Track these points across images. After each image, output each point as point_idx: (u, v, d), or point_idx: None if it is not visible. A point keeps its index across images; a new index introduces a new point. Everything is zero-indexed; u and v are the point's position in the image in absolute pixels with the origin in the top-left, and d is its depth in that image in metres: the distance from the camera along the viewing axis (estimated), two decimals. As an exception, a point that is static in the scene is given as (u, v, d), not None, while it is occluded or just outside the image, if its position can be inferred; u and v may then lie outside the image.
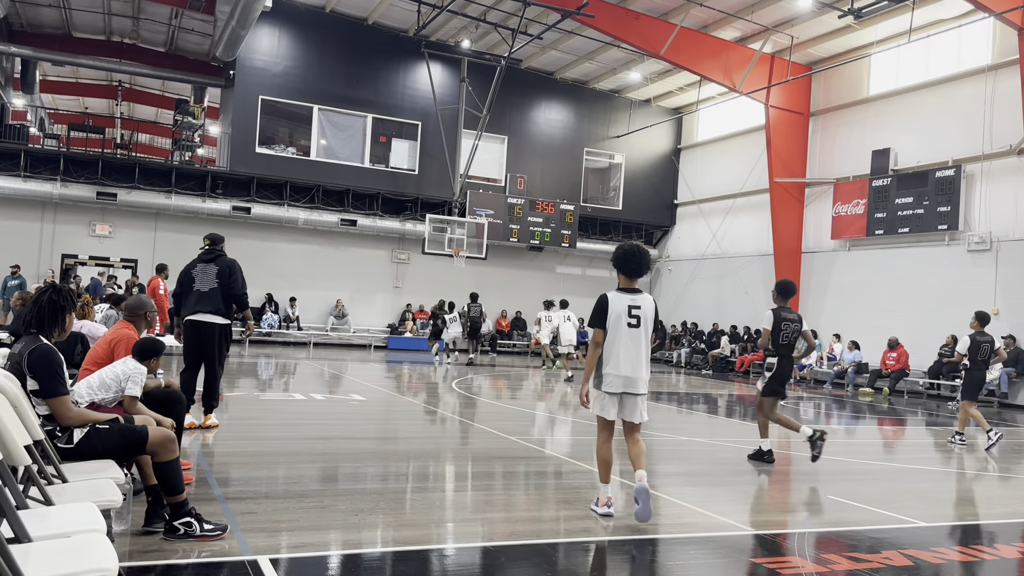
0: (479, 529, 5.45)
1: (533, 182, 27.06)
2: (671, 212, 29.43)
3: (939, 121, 19.79)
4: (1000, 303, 17.85)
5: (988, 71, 18.62)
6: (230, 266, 8.55)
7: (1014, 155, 17.75)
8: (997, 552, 5.56)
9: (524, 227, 26.15)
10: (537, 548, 5.02)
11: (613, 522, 5.72)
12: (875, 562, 5.03)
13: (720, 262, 26.64)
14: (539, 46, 24.45)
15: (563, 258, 28.68)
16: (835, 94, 22.97)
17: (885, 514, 6.43)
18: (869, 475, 8.67)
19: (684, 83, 26.32)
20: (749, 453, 8.92)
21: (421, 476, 6.88)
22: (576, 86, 27.81)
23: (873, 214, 21.13)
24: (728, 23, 21.60)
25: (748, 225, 25.48)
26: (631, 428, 5.92)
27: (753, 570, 4.92)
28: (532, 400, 14.76)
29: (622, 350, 5.75)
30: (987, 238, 18.45)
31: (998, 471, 9.32)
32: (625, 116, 28.33)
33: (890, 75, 21.35)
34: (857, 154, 21.93)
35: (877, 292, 21.00)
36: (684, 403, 15.50)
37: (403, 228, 25.54)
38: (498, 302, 27.04)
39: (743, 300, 25.30)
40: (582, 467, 7.67)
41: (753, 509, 6.80)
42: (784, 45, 22.20)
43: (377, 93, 25.18)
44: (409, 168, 25.83)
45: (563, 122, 27.89)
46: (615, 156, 28.76)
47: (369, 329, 25.56)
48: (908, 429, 13.86)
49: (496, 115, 25.16)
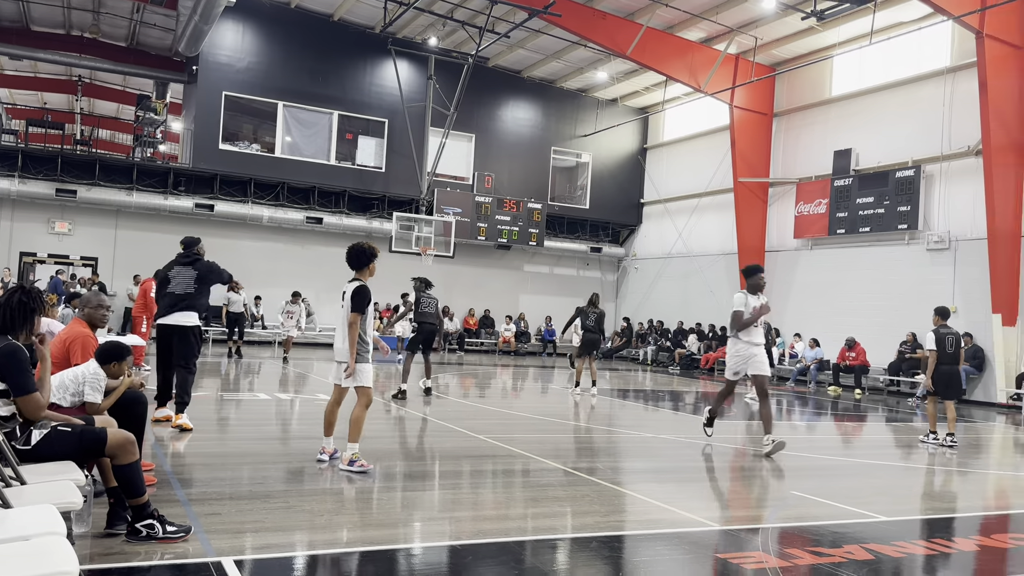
0: (446, 528, 5.44)
1: (501, 180, 27.06)
2: (637, 211, 29.63)
3: (899, 122, 20.17)
4: (959, 301, 18.25)
5: (947, 73, 19.01)
6: (209, 268, 8.56)
7: (972, 156, 18.15)
8: (955, 545, 5.68)
9: (492, 225, 26.14)
10: (504, 546, 5.02)
11: (582, 519, 5.75)
12: (837, 556, 5.11)
13: (686, 261, 26.88)
14: (506, 44, 24.47)
15: (531, 256, 28.73)
16: (798, 95, 23.29)
17: (847, 509, 6.54)
18: (832, 471, 8.81)
19: (650, 83, 26.50)
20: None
21: (388, 475, 6.85)
22: (543, 85, 27.86)
23: (835, 213, 21.47)
24: (693, 24, 21.79)
25: (713, 224, 25.75)
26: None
27: (718, 565, 4.98)
28: (500, 398, 14.76)
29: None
30: (946, 237, 18.84)
31: (956, 466, 9.52)
32: (592, 115, 28.45)
33: (852, 76, 21.70)
34: (819, 154, 22.27)
35: (839, 290, 21.35)
36: (651, 400, 15.61)
37: (370, 226, 25.39)
38: (466, 300, 27.03)
39: (709, 298, 25.55)
40: (550, 465, 7.69)
41: (718, 505, 6.87)
42: (748, 46, 22.45)
43: (343, 90, 25.00)
44: (376, 166, 25.68)
45: (530, 121, 27.93)
46: (582, 155, 28.88)
47: (335, 328, 25.36)
48: (869, 425, 14.10)
49: (464, 113, 25.13)
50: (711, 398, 9.76)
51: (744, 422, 13.17)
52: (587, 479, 7.13)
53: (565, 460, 7.96)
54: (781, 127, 23.90)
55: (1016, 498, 7.96)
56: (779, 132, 23.94)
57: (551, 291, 29.11)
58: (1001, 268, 17.18)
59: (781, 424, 12.91)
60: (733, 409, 14.87)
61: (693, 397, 16.84)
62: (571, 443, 9.50)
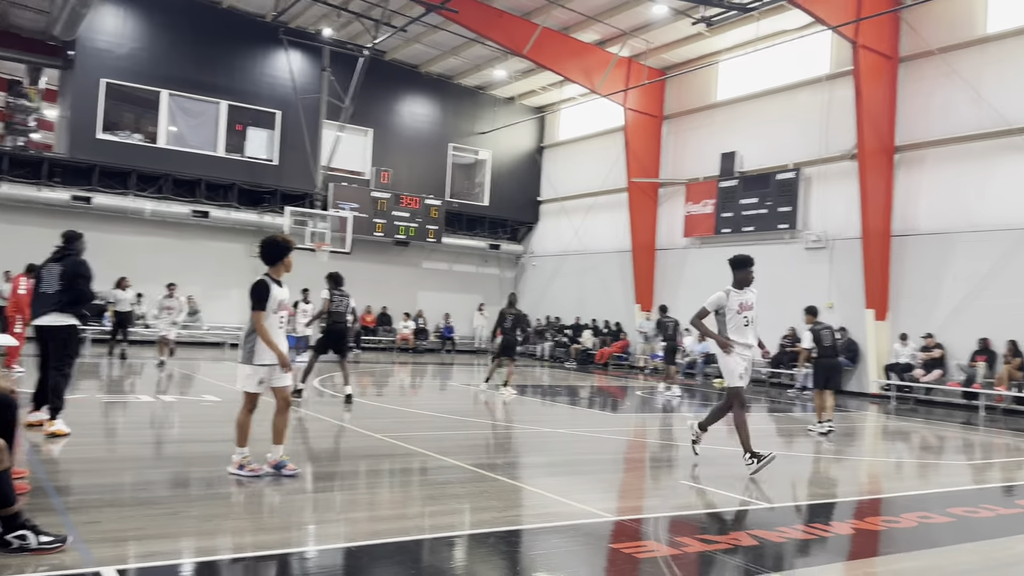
0: (341, 530, 5.35)
1: (399, 176, 26.80)
2: (535, 209, 29.94)
3: (781, 127, 21.14)
4: (834, 297, 19.31)
5: (826, 81, 20.05)
6: (75, 268, 8.08)
7: (847, 160, 19.21)
8: (832, 529, 6.01)
9: (389, 221, 25.86)
10: (401, 546, 4.98)
11: (480, 516, 5.77)
12: (724, 543, 5.32)
13: (582, 258, 27.36)
14: (403, 39, 24.24)
15: (429, 253, 28.58)
16: (687, 98, 24.07)
17: (733, 497, 6.82)
18: (719, 460, 9.15)
19: (547, 82, 26.82)
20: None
21: (281, 478, 6.67)
22: (442, 81, 27.76)
23: (721, 213, 22.33)
24: (588, 26, 22.18)
25: (607, 222, 26.30)
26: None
27: (612, 556, 5.09)
28: (398, 397, 14.63)
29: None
30: (823, 237, 19.89)
31: (833, 453, 10.07)
32: (490, 113, 28.56)
33: (737, 82, 22.60)
34: (707, 156, 23.09)
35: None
36: (547, 395, 15.80)
37: (261, 221, 24.64)
38: (364, 297, 26.60)
39: (603, 295, 26.12)
40: (448, 462, 7.68)
41: (612, 496, 7.03)
42: (641, 49, 23.04)
43: (232, 79, 24.16)
44: (267, 158, 24.95)
45: (429, 116, 27.78)
46: (480, 152, 28.95)
47: (224, 326, 24.51)
48: (752, 416, 14.72)
49: (360, 107, 24.74)
50: (707, 413, 8.43)
51: (638, 414, 13.53)
52: (485, 475, 7.16)
53: (464, 457, 7.96)
54: (671, 129, 24.64)
55: (887, 483, 8.49)
56: (669, 134, 24.68)
57: (450, 288, 29.07)
58: (873, 266, 18.28)
59: (671, 416, 13.33)
60: (658, 402, 15.25)
61: (588, 391, 17.17)
62: (470, 440, 9.51)
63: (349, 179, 26.02)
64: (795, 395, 18.19)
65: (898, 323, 18.23)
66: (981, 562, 5.22)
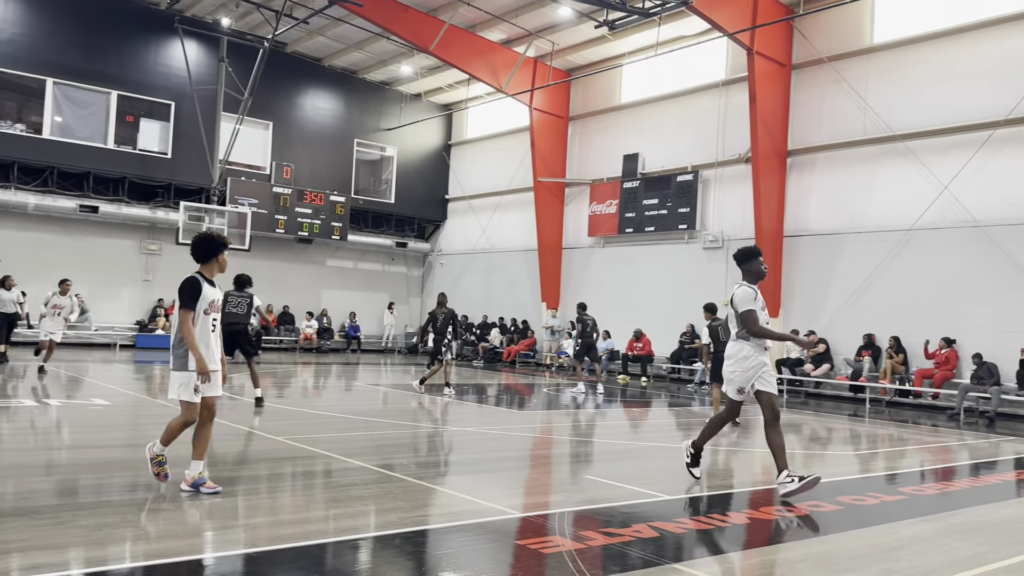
0: (241, 536, 5.18)
1: (301, 171, 26.21)
2: (443, 207, 29.84)
3: (681, 130, 21.77)
4: (730, 295, 19.97)
5: (722, 86, 20.76)
6: None
7: (742, 163, 19.94)
8: (728, 519, 6.22)
9: (292, 218, 25.26)
10: (304, 550, 4.86)
11: (385, 517, 5.69)
12: (627, 535, 5.43)
13: (489, 256, 27.44)
14: (306, 31, 23.72)
15: (334, 251, 28.08)
16: (592, 100, 24.48)
17: (635, 490, 6.97)
18: (622, 454, 9.34)
19: (454, 80, 26.76)
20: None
21: (176, 484, 6.40)
22: (346, 75, 27.30)
23: (624, 213, 22.82)
24: (494, 25, 22.25)
25: (514, 221, 26.47)
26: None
27: (517, 552, 5.12)
28: (300, 398, 14.30)
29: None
30: (719, 237, 20.60)
31: (729, 446, 10.43)
32: (396, 109, 28.28)
33: (640, 85, 23.14)
34: (610, 157, 23.55)
35: (628, 285, 22.73)
36: (455, 394, 15.76)
37: (154, 216, 23.67)
38: (264, 296, 25.80)
39: (511, 293, 26.28)
40: (353, 464, 7.55)
41: (519, 493, 7.07)
42: (546, 50, 23.27)
43: (124, 68, 23.08)
44: (161, 151, 23.95)
45: (333, 111, 27.27)
46: (387, 149, 28.64)
47: (114, 327, 23.41)
48: (654, 410, 15.11)
49: (260, 99, 24.05)
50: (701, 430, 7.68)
51: (545, 411, 13.66)
52: (391, 476, 7.08)
53: (369, 458, 7.85)
54: (576, 130, 25.00)
55: (778, 472, 8.84)
56: (575, 135, 25.03)
57: (355, 286, 28.64)
58: (767, 265, 19.00)
59: (578, 412, 13.52)
60: (588, 404, 15.39)
61: (496, 389, 17.22)
62: (375, 441, 9.38)
63: (248, 174, 25.28)
64: (694, 390, 18.76)
65: (790, 320, 19.05)
66: (867, 548, 5.50)
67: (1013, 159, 15.71)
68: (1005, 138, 15.77)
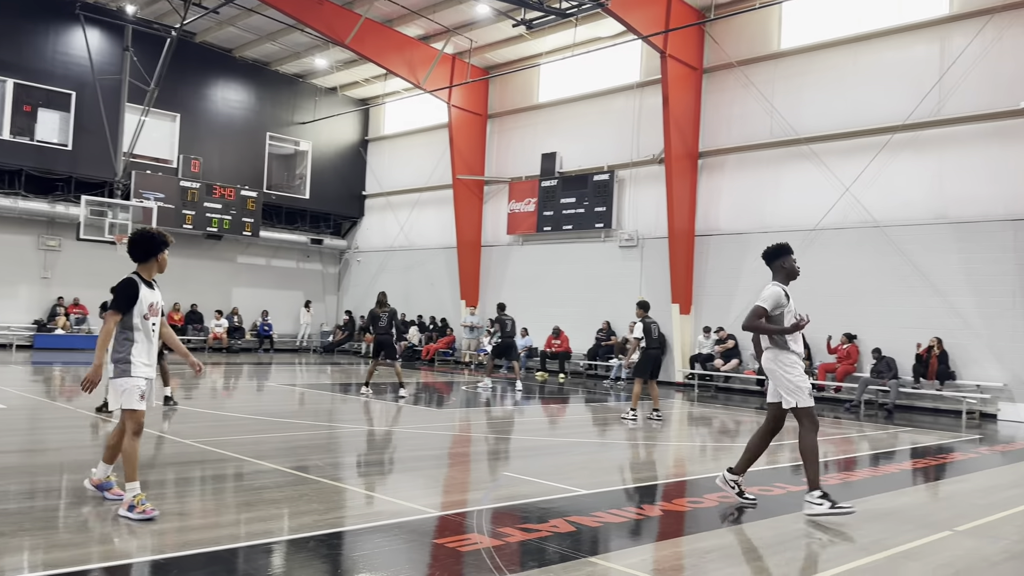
0: (148, 542, 4.99)
1: (211, 165, 25.40)
2: (360, 203, 29.43)
3: (598, 130, 22.08)
4: (645, 292, 20.40)
5: (637, 88, 21.15)
6: None
7: (656, 164, 20.37)
8: (643, 512, 6.35)
9: (200, 213, 24.46)
10: (214, 555, 4.72)
11: (299, 520, 5.58)
12: (544, 531, 5.48)
13: (408, 254, 27.23)
14: (215, 20, 22.99)
15: (245, 247, 27.34)
16: (510, 99, 24.57)
17: (552, 485, 7.03)
18: (540, 450, 9.42)
19: (370, 75, 26.43)
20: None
21: (78, 490, 6.11)
22: (258, 67, 26.61)
23: (542, 212, 23.00)
24: (412, 20, 22.07)
25: (434, 218, 26.34)
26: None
27: (435, 551, 5.10)
28: (209, 399, 13.88)
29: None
30: (635, 236, 20.99)
31: (643, 439, 10.65)
32: (311, 103, 27.74)
33: (557, 85, 23.35)
34: (529, 156, 23.70)
35: (546, 283, 22.94)
36: (372, 393, 15.57)
37: (53, 211, 22.54)
38: (170, 295, 24.93)
39: (429, 291, 26.14)
40: (266, 466, 7.37)
41: (437, 492, 7.04)
42: (465, 47, 23.23)
43: (20, 55, 21.89)
44: (61, 143, 22.82)
45: (244, 103, 26.54)
46: (301, 143, 28.04)
47: (10, 326, 22.21)
48: (572, 406, 15.30)
49: (167, 90, 23.18)
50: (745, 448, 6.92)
51: (462, 409, 13.65)
52: (306, 478, 6.95)
53: (282, 460, 7.68)
54: (495, 128, 25.05)
55: (692, 466, 9.09)
56: (493, 133, 25.08)
57: (268, 284, 27.97)
58: (679, 263, 19.51)
59: (496, 410, 13.56)
60: (507, 401, 15.34)
61: (414, 388, 17.09)
62: (289, 442, 9.18)
63: (154, 167, 24.36)
64: (610, 385, 19.08)
65: (701, 317, 19.59)
66: (775, 536, 5.70)
67: (910, 163, 16.55)
68: (903, 142, 16.60)
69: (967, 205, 15.77)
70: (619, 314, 20.94)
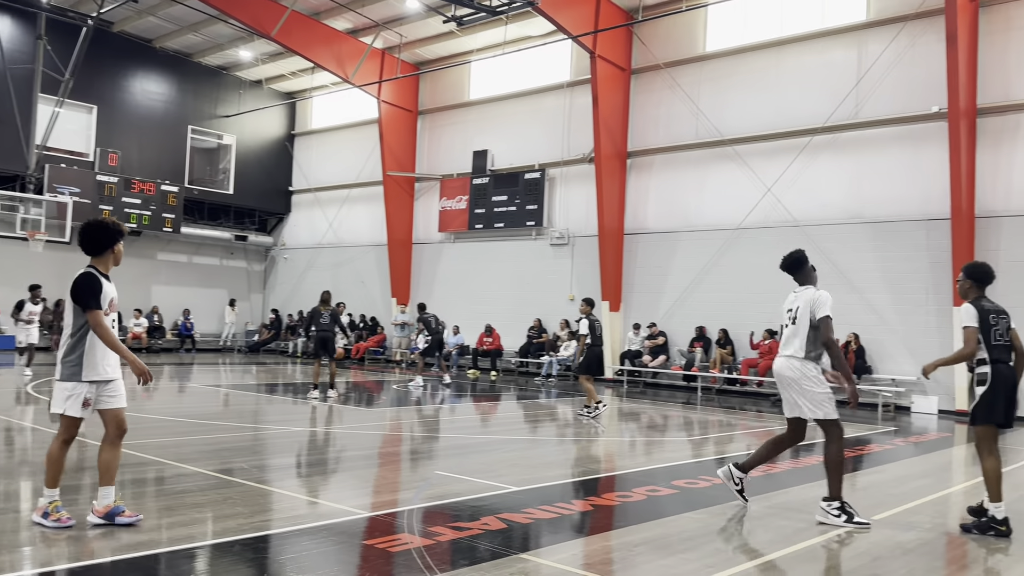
0: (64, 550, 4.77)
1: (129, 159, 24.52)
2: (286, 199, 28.84)
3: (528, 128, 22.16)
4: (575, 290, 20.61)
5: (567, 87, 21.31)
6: None
7: (586, 163, 20.57)
8: (573, 507, 6.39)
9: (118, 208, 23.59)
10: (134, 562, 4.55)
11: (223, 524, 5.43)
12: (475, 529, 5.46)
13: (337, 251, 26.83)
14: (134, 9, 22.20)
15: (166, 244, 26.48)
16: (441, 95, 24.45)
17: (483, 483, 7.03)
18: (471, 448, 9.41)
19: (297, 68, 25.91)
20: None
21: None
22: (179, 58, 25.80)
23: (474, 210, 22.97)
24: (340, 13, 21.74)
25: (364, 215, 26.02)
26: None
27: (365, 552, 5.03)
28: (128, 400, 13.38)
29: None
30: (565, 234, 21.16)
31: (573, 436, 10.74)
32: (235, 96, 27.05)
33: (488, 82, 23.35)
34: (460, 153, 23.63)
35: (478, 281, 22.92)
36: (300, 393, 15.29)
37: (-41, 205, 21.38)
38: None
39: (359, 289, 25.80)
40: (188, 469, 7.15)
41: (367, 492, 6.95)
42: (394, 42, 23.00)
43: (-80, 40, 20.70)
44: (-33, 134, 21.67)
45: (164, 95, 25.70)
46: (224, 137, 27.31)
47: None
48: (503, 404, 15.33)
49: (83, 81, 22.26)
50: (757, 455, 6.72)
51: (392, 409, 13.52)
52: (230, 480, 6.77)
53: (205, 463, 7.46)
54: (426, 125, 24.89)
55: (620, 460, 9.21)
56: (424, 129, 24.92)
57: (190, 282, 27.16)
58: (608, 261, 19.75)
59: (428, 408, 13.48)
60: (437, 399, 15.20)
61: (343, 387, 16.86)
62: (212, 444, 8.93)
63: (69, 160, 23.37)
64: (542, 382, 19.19)
65: (630, 314, 19.87)
66: (701, 528, 5.82)
67: (829, 164, 17.12)
68: (822, 144, 17.16)
69: (882, 205, 16.41)
70: (550, 311, 21.09)
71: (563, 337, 20.41)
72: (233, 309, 27.34)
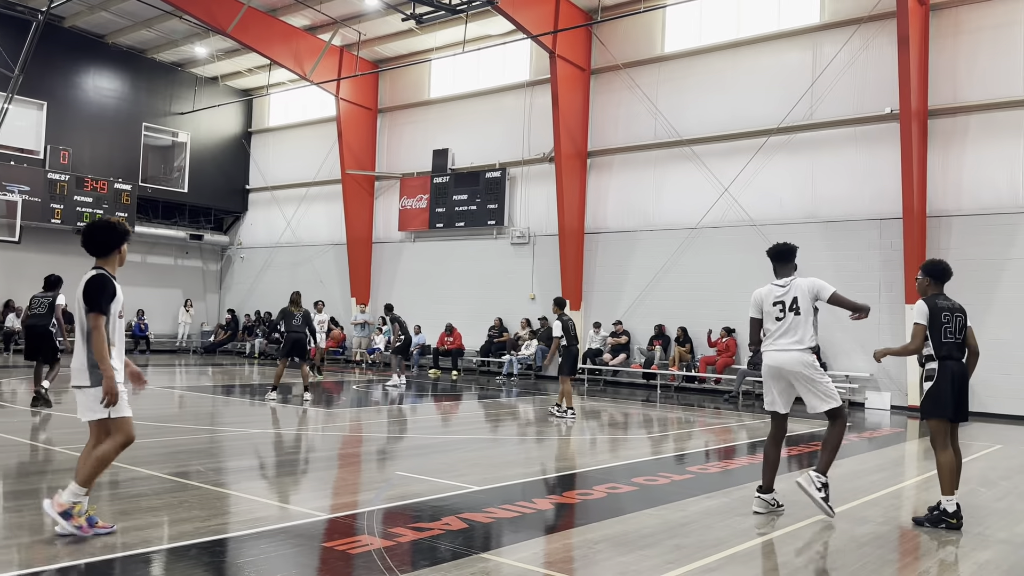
0: (13, 557, 4.65)
1: (81, 156, 23.97)
2: (243, 197, 28.44)
3: (489, 127, 22.15)
4: (536, 289, 20.67)
5: (527, 87, 21.34)
6: None
7: (546, 162, 20.63)
8: (534, 506, 6.41)
9: (70, 207, 23.05)
10: (90, 567, 4.45)
11: (180, 527, 5.33)
12: (436, 529, 5.45)
13: (295, 250, 26.53)
14: (86, 4, 21.73)
15: (119, 243, 25.89)
16: (401, 94, 24.32)
17: (445, 483, 7.01)
18: (432, 448, 9.38)
19: (254, 64, 25.56)
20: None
21: None
22: (133, 54, 25.29)
23: (434, 209, 22.90)
24: (297, 10, 21.50)
25: (322, 214, 25.77)
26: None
27: (324, 554, 4.98)
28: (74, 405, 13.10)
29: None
30: (526, 233, 21.20)
31: (536, 434, 10.76)
32: (190, 92, 26.59)
33: (448, 81, 23.28)
34: (420, 152, 23.53)
35: (439, 280, 22.85)
36: (257, 395, 15.09)
37: (-99, 203, 20.70)
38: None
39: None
40: (143, 472, 7.01)
41: (326, 494, 6.89)
42: (353, 40, 22.82)
43: None
44: (-91, 130, 20.98)
45: (117, 92, 25.17)
46: (179, 134, 26.83)
47: None
48: (464, 403, 15.30)
49: (33, 77, 21.69)
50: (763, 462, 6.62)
51: (352, 409, 13.42)
52: (186, 483, 6.65)
53: (160, 466, 7.32)
54: (386, 123, 24.74)
55: (581, 458, 9.26)
56: (384, 128, 24.76)
57: (144, 282, 26.61)
58: (569, 260, 19.83)
59: (388, 408, 13.40)
60: (392, 394, 15.07)
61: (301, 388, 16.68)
62: (167, 447, 8.76)
63: (19, 158, 22.76)
64: (503, 382, 19.19)
65: (591, 313, 19.98)
66: (660, 524, 5.88)
67: (783, 164, 17.41)
68: (777, 145, 17.44)
69: (836, 205, 16.73)
70: (511, 311, 21.12)
71: (524, 336, 20.45)
72: (188, 309, 26.89)
